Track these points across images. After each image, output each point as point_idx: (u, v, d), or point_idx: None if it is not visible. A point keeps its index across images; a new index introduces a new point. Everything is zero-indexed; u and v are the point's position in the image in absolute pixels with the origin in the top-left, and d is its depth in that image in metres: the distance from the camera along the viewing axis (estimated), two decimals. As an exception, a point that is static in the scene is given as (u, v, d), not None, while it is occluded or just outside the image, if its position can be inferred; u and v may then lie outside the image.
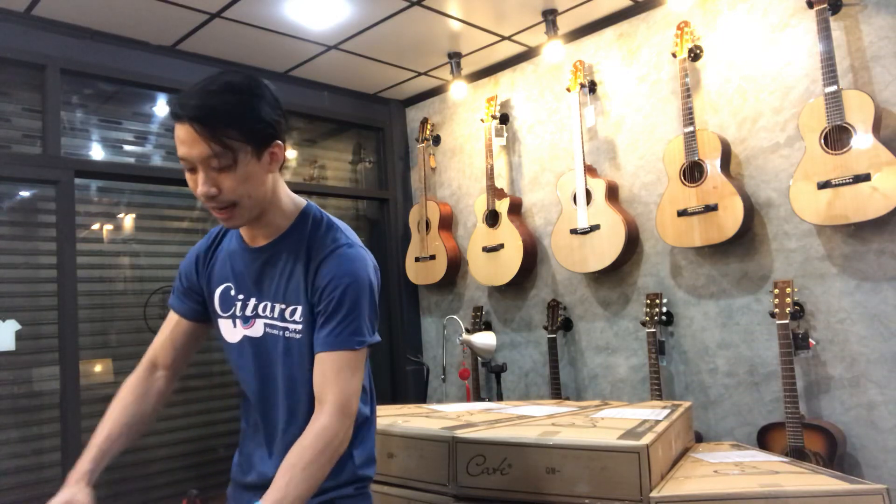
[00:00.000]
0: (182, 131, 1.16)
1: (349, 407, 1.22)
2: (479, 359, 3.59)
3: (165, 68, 3.36)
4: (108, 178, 3.23)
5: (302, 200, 1.38)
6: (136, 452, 3.16)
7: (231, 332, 1.39)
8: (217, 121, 1.15)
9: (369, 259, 1.33)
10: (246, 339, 1.36)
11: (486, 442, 1.65)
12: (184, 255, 1.50)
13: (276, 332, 1.33)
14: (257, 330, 1.35)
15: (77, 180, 3.04)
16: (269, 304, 1.33)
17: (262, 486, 1.24)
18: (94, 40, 3.14)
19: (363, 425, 1.38)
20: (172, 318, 1.46)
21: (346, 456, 1.32)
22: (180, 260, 1.48)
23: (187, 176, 1.21)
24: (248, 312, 1.35)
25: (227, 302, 1.38)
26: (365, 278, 1.28)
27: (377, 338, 1.32)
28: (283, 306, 1.31)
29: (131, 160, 3.35)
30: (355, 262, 1.28)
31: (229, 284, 1.38)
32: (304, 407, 1.31)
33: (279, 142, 1.24)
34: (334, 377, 1.22)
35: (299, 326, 1.29)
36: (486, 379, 3.83)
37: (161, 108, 3.51)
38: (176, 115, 1.16)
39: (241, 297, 1.37)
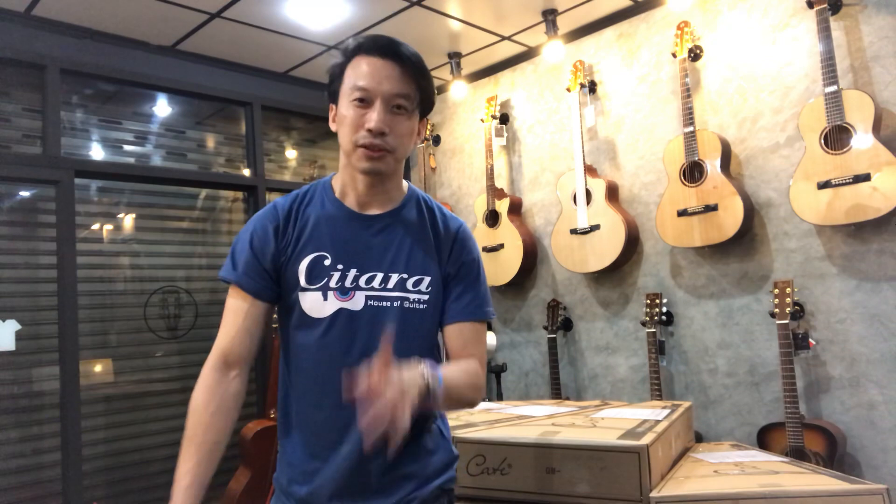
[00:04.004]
0: (382, 65, 1.24)
1: (485, 370, 1.34)
2: (479, 359, 3.59)
3: (165, 68, 3.36)
4: (108, 178, 3.23)
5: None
6: (136, 452, 3.16)
7: (320, 305, 1.27)
8: (422, 70, 1.28)
9: None
10: (342, 311, 1.26)
11: (486, 442, 1.65)
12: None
13: (385, 303, 1.27)
14: (357, 303, 1.26)
15: (77, 180, 3.04)
16: (384, 275, 1.28)
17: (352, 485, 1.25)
18: (94, 40, 3.14)
19: None
20: (244, 301, 1.28)
21: (447, 443, 1.38)
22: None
23: (352, 109, 1.24)
24: (348, 283, 1.27)
25: (319, 272, 1.28)
26: None
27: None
28: (406, 276, 1.29)
29: (131, 160, 3.35)
30: (475, 241, 1.42)
31: (324, 253, 1.28)
32: None
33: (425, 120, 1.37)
34: (474, 342, 1.33)
35: (425, 297, 1.30)
36: (486, 379, 3.83)
37: (161, 108, 3.51)
38: (389, 52, 1.24)
39: (339, 266, 1.28)
